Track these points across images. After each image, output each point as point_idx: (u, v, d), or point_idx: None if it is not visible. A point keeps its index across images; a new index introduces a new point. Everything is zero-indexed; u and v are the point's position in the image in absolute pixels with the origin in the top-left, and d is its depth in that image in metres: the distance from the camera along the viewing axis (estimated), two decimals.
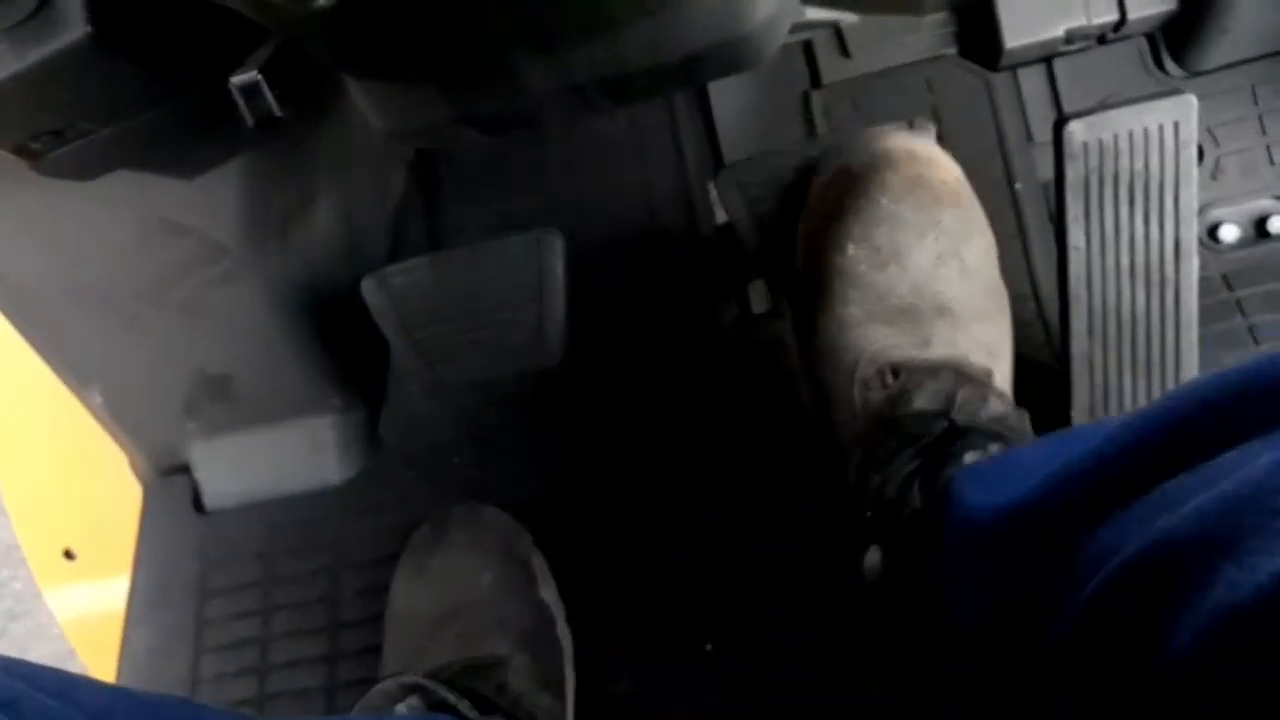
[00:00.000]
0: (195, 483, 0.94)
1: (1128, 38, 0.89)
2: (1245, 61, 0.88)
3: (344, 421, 0.93)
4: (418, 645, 0.75)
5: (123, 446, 0.97)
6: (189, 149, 0.74)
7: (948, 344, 0.67)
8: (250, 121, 0.59)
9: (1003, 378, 0.70)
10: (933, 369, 0.65)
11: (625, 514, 0.84)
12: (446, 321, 0.82)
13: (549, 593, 0.79)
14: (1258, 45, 0.87)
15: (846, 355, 0.68)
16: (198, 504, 0.94)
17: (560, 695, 0.73)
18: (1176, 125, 0.70)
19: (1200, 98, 0.70)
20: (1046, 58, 0.90)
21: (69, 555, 1.05)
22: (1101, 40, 0.89)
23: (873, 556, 0.64)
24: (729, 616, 0.79)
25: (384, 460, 0.92)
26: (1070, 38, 0.87)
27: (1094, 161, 0.70)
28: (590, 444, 0.88)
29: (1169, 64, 0.89)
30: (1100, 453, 0.47)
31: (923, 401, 0.64)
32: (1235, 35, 0.86)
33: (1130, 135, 0.70)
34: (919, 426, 0.63)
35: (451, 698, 0.63)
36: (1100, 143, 0.70)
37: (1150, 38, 0.90)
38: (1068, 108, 0.90)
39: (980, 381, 0.65)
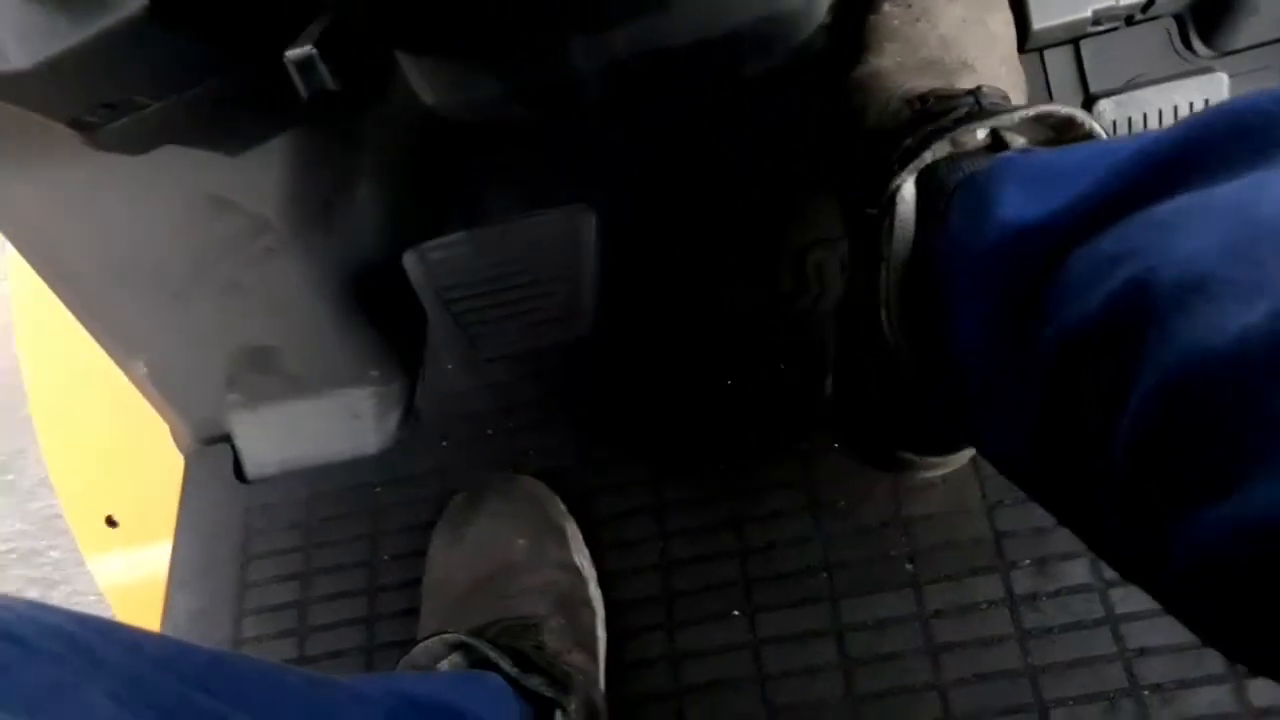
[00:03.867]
0: (236, 451, 0.97)
1: (1155, 18, 0.90)
2: (1274, 41, 0.88)
3: (382, 392, 0.95)
4: (454, 609, 0.77)
5: (165, 417, 0.99)
6: (237, 125, 0.76)
7: None
8: (304, 95, 0.61)
9: None
10: (962, 91, 0.64)
11: (655, 482, 0.86)
12: (483, 295, 0.84)
13: (582, 558, 0.81)
14: None
15: (879, 96, 0.69)
16: (239, 472, 0.96)
17: (594, 656, 0.75)
18: (1206, 104, 0.71)
19: (1229, 78, 0.70)
20: (1074, 39, 0.91)
21: (111, 523, 1.08)
22: (1129, 21, 0.90)
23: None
24: (756, 583, 0.81)
25: (421, 430, 0.94)
26: (1098, 19, 0.88)
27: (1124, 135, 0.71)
28: (621, 414, 0.89)
29: (1197, 44, 0.89)
30: (1131, 159, 0.45)
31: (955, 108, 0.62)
32: (1264, 15, 0.86)
33: (1160, 114, 0.71)
34: (949, 106, 0.61)
35: (493, 655, 0.65)
36: (1130, 121, 0.71)
37: (1178, 18, 0.90)
38: (1094, 88, 0.91)
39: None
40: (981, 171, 0.56)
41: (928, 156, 0.58)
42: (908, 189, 0.58)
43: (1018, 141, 0.58)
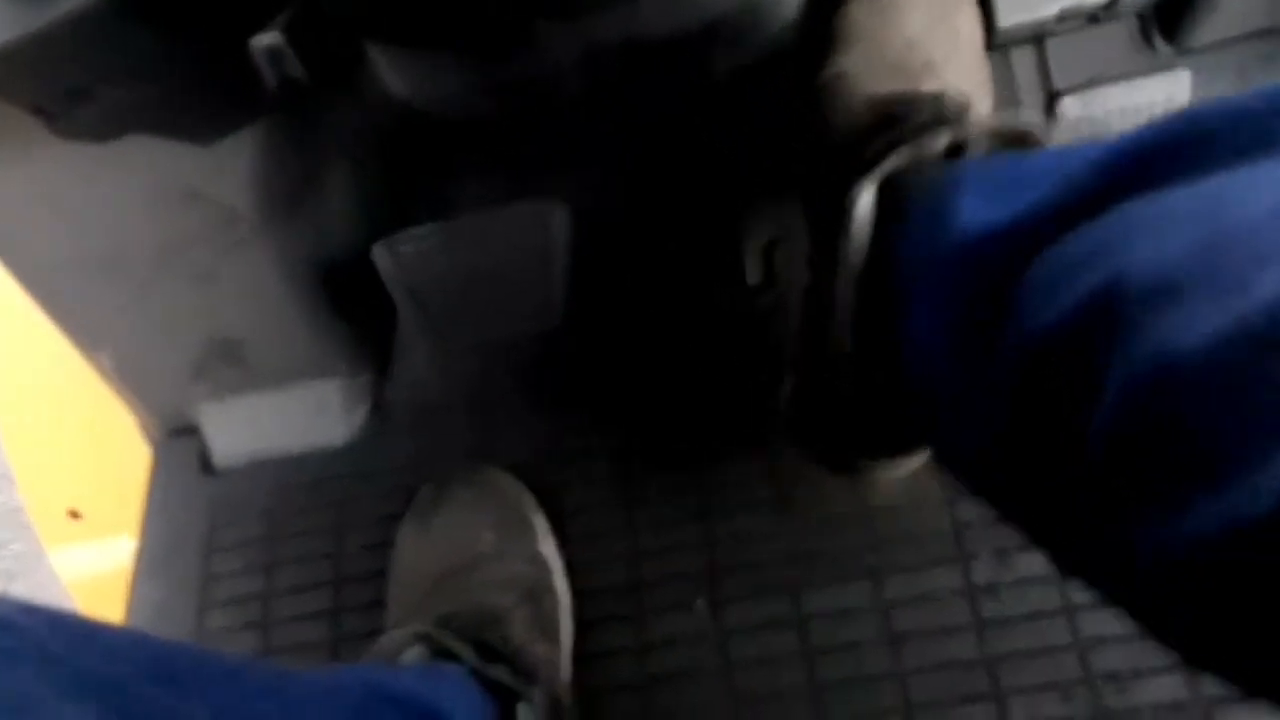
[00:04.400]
0: (204, 443, 0.96)
1: (1118, 17, 0.91)
2: (1234, 40, 0.90)
3: (350, 385, 0.95)
4: (421, 600, 0.77)
5: (132, 408, 0.99)
6: (206, 114, 0.76)
7: None
8: (272, 84, 0.61)
9: None
10: (925, 96, 0.65)
11: (624, 474, 0.87)
12: (453, 288, 0.84)
13: (549, 548, 0.81)
14: (1246, 22, 0.89)
15: (843, 100, 0.68)
16: (206, 464, 0.96)
17: (559, 645, 0.76)
18: (1169, 101, 0.72)
19: (1191, 75, 0.71)
20: (1038, 37, 0.92)
21: (75, 515, 1.07)
22: (1093, 19, 0.91)
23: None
24: (722, 574, 0.82)
25: (390, 422, 0.94)
26: (1063, 16, 0.89)
27: (1087, 137, 0.72)
28: (590, 406, 0.90)
29: (1159, 42, 0.91)
30: (1092, 163, 0.45)
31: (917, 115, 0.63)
32: (1225, 12, 0.87)
33: (1122, 111, 0.72)
34: (911, 113, 0.61)
35: (456, 646, 0.65)
36: (1093, 119, 0.72)
37: (1141, 16, 0.91)
38: (1059, 86, 0.92)
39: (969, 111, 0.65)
40: (941, 179, 0.56)
41: (887, 166, 0.59)
42: (866, 197, 0.59)
43: (979, 148, 0.58)
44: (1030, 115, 0.77)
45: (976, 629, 0.76)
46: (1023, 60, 0.93)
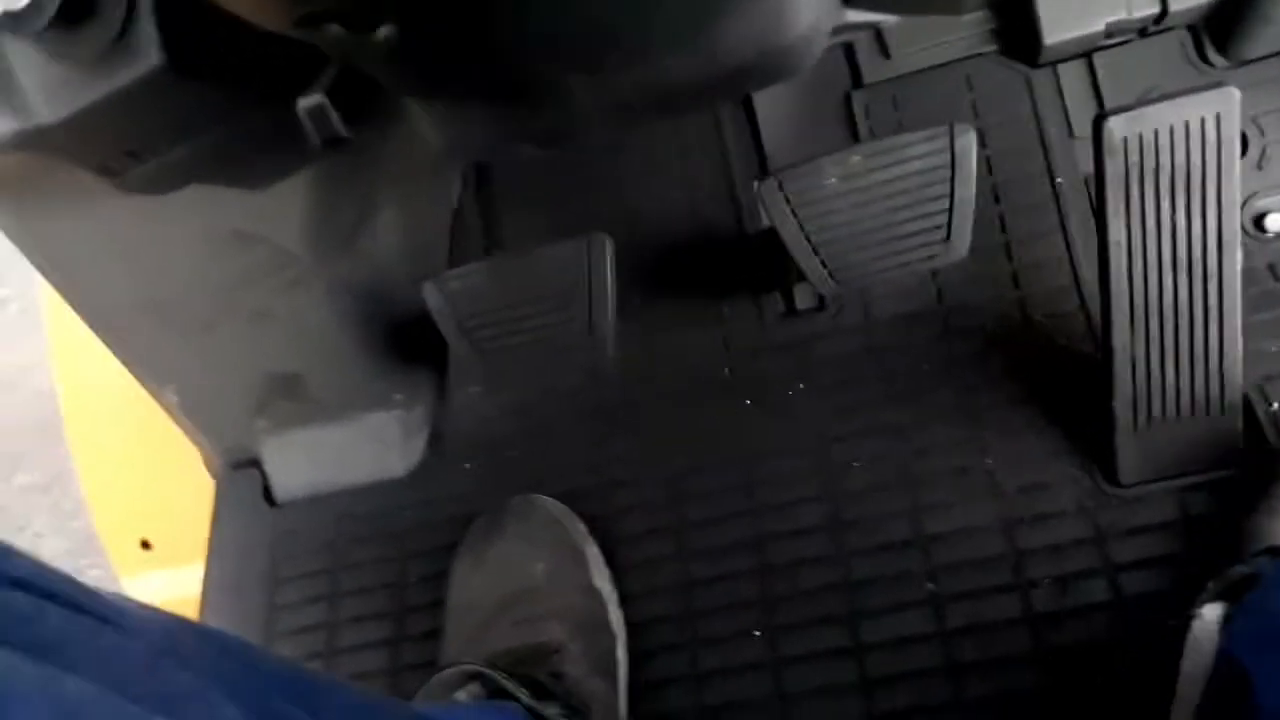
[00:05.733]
0: (265, 476, 0.99)
1: (1169, 29, 0.90)
2: None
3: (406, 417, 0.97)
4: (476, 633, 0.78)
5: (196, 442, 1.02)
6: (258, 164, 0.78)
7: None
8: (317, 142, 0.63)
9: None
10: None
11: (676, 501, 0.87)
12: (502, 322, 0.85)
13: (602, 580, 0.82)
14: None
15: (1258, 537, 0.69)
16: (268, 496, 0.99)
17: (613, 681, 0.76)
18: (1219, 118, 0.70)
19: (1244, 88, 0.70)
20: (1087, 52, 0.90)
21: (146, 545, 1.10)
22: (1143, 33, 0.90)
23: None
24: (779, 603, 0.82)
25: (444, 453, 0.96)
26: (1111, 32, 0.88)
27: (1134, 157, 0.70)
28: (641, 435, 0.91)
29: (1212, 55, 0.89)
30: None
31: None
32: (1278, 24, 0.85)
33: (1171, 130, 0.70)
34: None
35: (510, 685, 0.66)
36: (1140, 138, 0.70)
37: (1192, 29, 0.90)
38: (1109, 102, 0.90)
39: None
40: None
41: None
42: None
43: None
44: None
45: (1037, 659, 0.75)
46: (1072, 77, 0.92)
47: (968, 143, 0.75)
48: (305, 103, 0.62)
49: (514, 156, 0.88)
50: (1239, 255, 0.72)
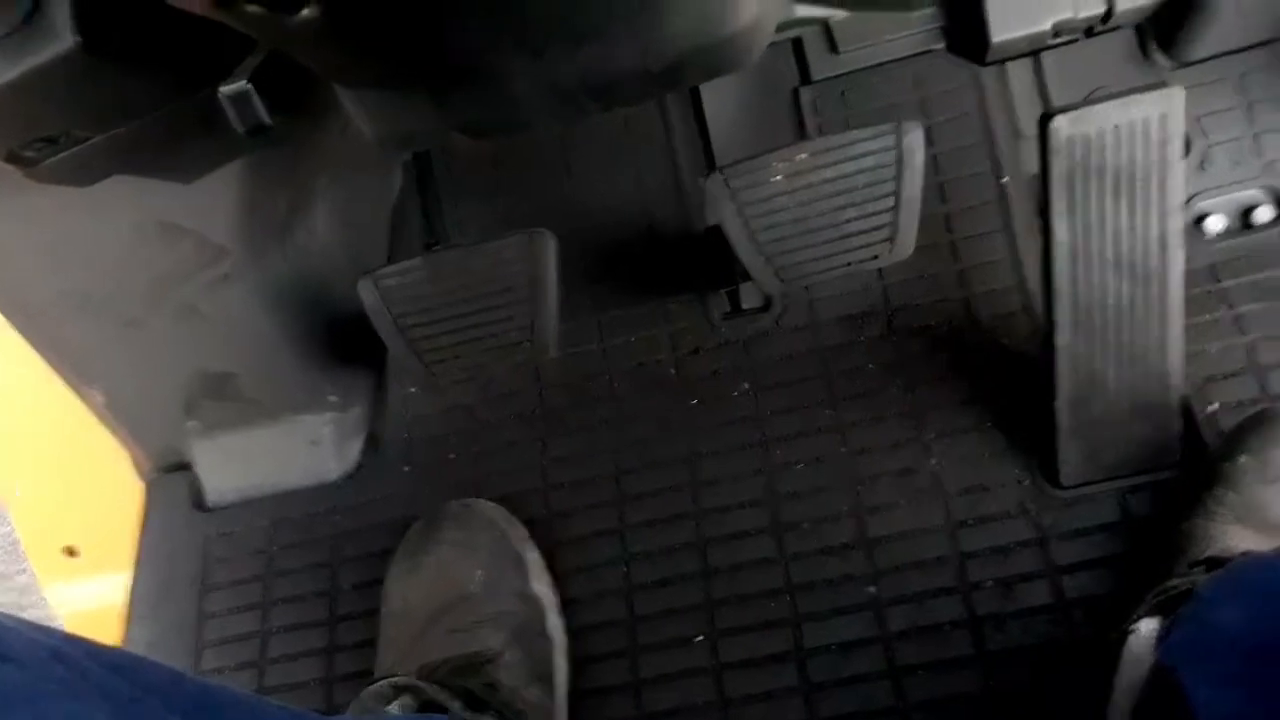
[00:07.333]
0: (196, 479, 0.96)
1: (1115, 29, 0.90)
2: (1233, 52, 0.88)
3: (342, 419, 0.94)
4: (411, 641, 0.76)
5: (124, 445, 0.98)
6: (185, 153, 0.75)
7: None
8: (241, 130, 0.60)
9: None
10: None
11: (618, 504, 0.85)
12: (441, 321, 0.83)
13: (542, 586, 0.80)
14: (1245, 35, 0.87)
15: (1187, 548, 0.69)
16: (198, 501, 0.95)
17: (551, 689, 0.74)
18: (1163, 118, 0.70)
19: (1188, 88, 0.70)
20: (1034, 51, 0.90)
21: (71, 552, 1.06)
22: (1089, 33, 0.90)
23: None
24: (720, 608, 0.80)
25: (381, 456, 0.93)
26: (1058, 31, 0.88)
27: (1079, 156, 0.70)
28: (583, 436, 0.89)
29: (1157, 55, 0.89)
30: None
31: None
32: (1223, 25, 0.86)
33: (1116, 129, 0.70)
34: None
35: (443, 697, 0.64)
36: (1085, 137, 0.70)
37: (1138, 29, 0.90)
38: (1056, 101, 0.90)
39: None
40: None
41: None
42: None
43: None
44: None
45: (979, 661, 0.74)
46: (1020, 75, 0.91)
47: (915, 140, 0.75)
48: (227, 89, 0.59)
49: (449, 147, 0.86)
50: (1181, 256, 0.72)
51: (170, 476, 0.97)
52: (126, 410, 0.96)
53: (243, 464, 0.95)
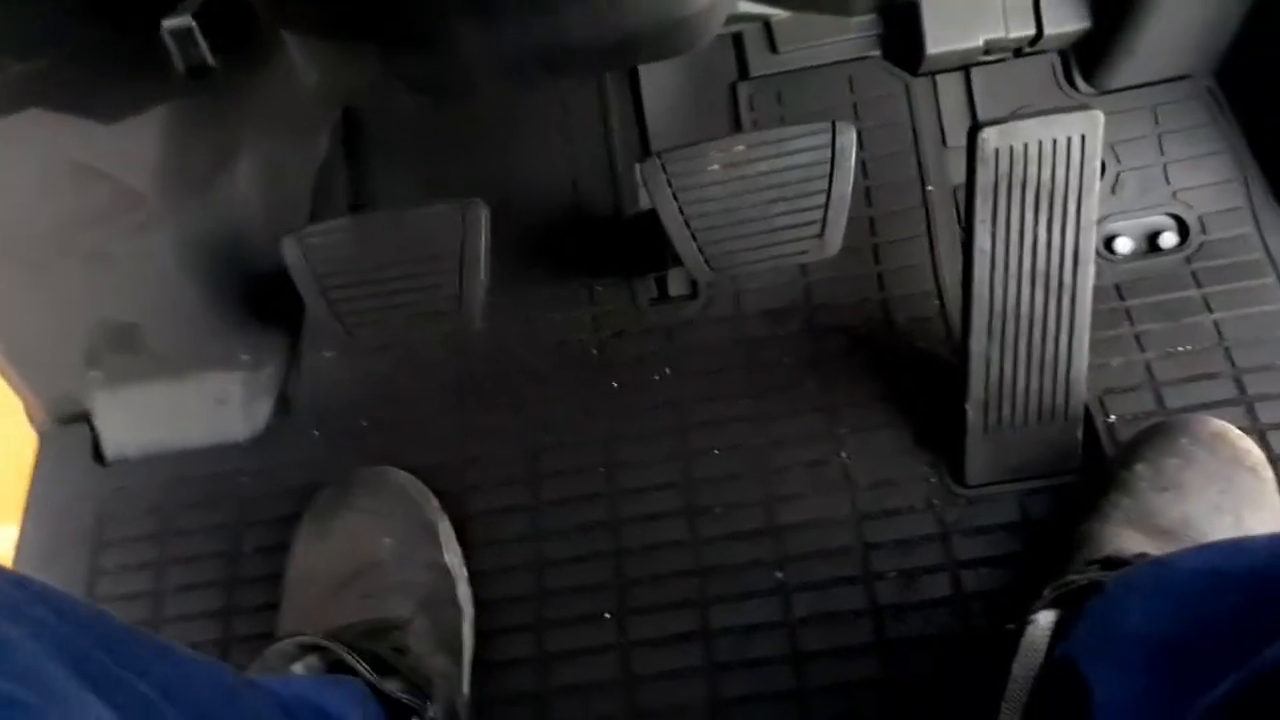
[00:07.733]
0: (95, 432, 0.92)
1: (1042, 53, 0.93)
2: (1149, 84, 0.93)
3: (252, 378, 0.92)
4: (318, 605, 0.75)
5: (19, 393, 0.94)
6: (110, 92, 0.72)
7: None
8: (181, 68, 0.58)
9: None
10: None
11: (532, 480, 0.85)
12: (364, 284, 0.81)
13: (452, 556, 0.80)
14: (1161, 69, 0.92)
15: (1084, 546, 0.71)
16: (97, 454, 0.92)
17: (457, 658, 0.74)
18: (1083, 138, 0.73)
19: (1105, 115, 0.73)
20: (965, 66, 0.93)
21: None
22: (1018, 53, 0.93)
23: None
24: (630, 587, 0.81)
25: (291, 419, 0.91)
26: (989, 48, 0.91)
27: (1004, 168, 0.73)
28: (500, 410, 0.88)
29: (1079, 81, 0.93)
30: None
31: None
32: (1141, 58, 0.90)
33: (1039, 145, 0.73)
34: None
35: (350, 658, 0.63)
36: (1011, 150, 0.72)
37: (1063, 55, 0.94)
38: (982, 115, 0.93)
39: None
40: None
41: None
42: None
43: None
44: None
45: (878, 649, 0.76)
46: (949, 88, 0.94)
47: (849, 140, 0.77)
48: (170, 24, 0.57)
49: (390, 103, 0.85)
50: (1092, 271, 0.75)
51: (67, 428, 0.93)
52: (23, 356, 0.92)
53: (145, 419, 0.91)
